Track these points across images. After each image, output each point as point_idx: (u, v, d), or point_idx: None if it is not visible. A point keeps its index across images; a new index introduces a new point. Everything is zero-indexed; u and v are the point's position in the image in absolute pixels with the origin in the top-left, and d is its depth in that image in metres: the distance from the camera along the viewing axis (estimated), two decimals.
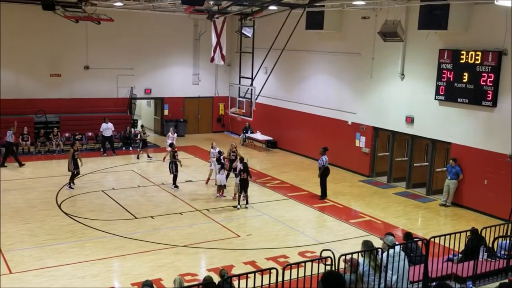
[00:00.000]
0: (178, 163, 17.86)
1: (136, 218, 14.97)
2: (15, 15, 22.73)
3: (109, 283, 11.01)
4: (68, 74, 24.67)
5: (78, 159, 17.61)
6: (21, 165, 20.13)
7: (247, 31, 21.31)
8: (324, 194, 17.47)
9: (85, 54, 24.83)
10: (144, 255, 12.29)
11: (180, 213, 15.53)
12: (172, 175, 17.95)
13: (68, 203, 16.02)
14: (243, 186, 16.10)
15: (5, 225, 13.83)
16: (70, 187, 17.44)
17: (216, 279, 8.68)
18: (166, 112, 27.60)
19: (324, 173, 17.41)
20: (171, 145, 18.42)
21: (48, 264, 11.57)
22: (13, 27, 22.92)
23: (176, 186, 17.91)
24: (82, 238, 13.25)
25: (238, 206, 16.09)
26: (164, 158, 20.89)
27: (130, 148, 24.09)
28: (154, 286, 8.49)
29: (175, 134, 20.33)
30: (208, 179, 18.61)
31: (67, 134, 23.65)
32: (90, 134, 24.04)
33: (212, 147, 18.58)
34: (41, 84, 24.16)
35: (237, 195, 16.38)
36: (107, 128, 22.66)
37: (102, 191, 17.37)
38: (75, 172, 17.63)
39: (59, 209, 15.47)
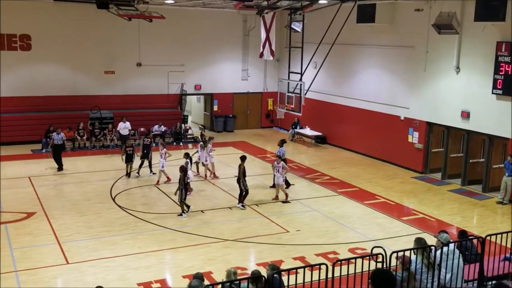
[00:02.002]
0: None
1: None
2: (70, 14, 23.53)
3: (162, 274, 11.26)
4: (122, 71, 25.33)
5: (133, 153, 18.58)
6: (60, 169, 19.25)
7: (297, 26, 21.18)
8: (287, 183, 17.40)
9: (137, 52, 25.42)
10: (195, 248, 12.50)
11: (229, 207, 15.67)
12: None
13: (122, 197, 16.47)
14: None
15: (62, 217, 14.41)
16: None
17: (265, 273, 8.71)
18: (215, 107, 27.89)
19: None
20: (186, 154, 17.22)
21: (103, 255, 11.95)
22: (69, 26, 23.74)
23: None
24: (135, 231, 13.61)
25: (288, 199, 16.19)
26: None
27: (181, 144, 24.50)
28: (205, 279, 8.60)
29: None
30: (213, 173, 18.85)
31: None
32: (142, 129, 24.51)
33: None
34: (96, 81, 24.93)
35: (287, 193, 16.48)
36: (125, 128, 22.65)
37: (154, 185, 17.75)
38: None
39: (113, 202, 15.94)
